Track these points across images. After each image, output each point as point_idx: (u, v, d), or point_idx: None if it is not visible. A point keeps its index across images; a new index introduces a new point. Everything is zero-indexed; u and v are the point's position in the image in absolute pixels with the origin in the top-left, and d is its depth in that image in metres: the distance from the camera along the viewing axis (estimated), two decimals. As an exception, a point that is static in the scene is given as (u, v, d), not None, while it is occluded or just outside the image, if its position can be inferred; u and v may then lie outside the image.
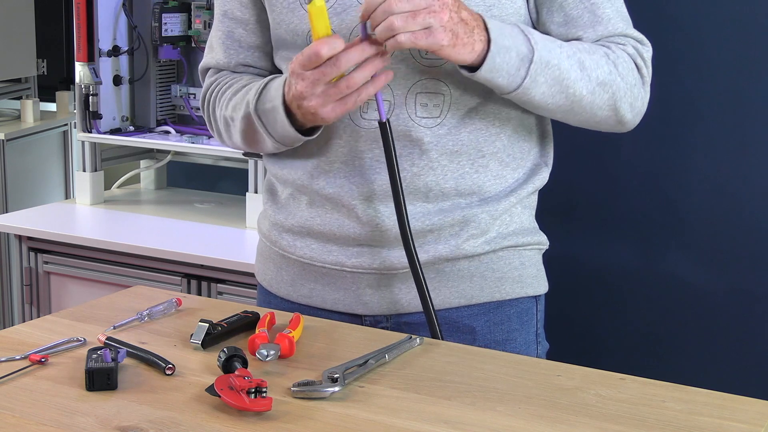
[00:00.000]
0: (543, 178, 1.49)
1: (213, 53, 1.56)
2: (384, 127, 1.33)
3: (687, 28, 2.47)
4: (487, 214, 1.42)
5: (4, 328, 1.94)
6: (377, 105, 1.34)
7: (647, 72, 1.44)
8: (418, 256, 1.36)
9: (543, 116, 1.48)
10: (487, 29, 1.30)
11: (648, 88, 1.45)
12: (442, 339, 1.35)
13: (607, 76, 1.38)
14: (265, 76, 1.52)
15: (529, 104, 1.38)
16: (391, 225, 1.40)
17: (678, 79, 2.48)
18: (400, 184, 1.35)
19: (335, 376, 1.14)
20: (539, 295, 1.52)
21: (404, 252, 1.38)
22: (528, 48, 1.32)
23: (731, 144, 2.47)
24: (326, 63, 1.27)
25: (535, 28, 1.44)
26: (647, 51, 1.45)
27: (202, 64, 1.59)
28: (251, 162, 2.63)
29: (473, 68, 1.32)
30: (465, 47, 1.28)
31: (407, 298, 1.43)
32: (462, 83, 1.38)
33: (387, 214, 1.40)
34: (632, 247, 2.61)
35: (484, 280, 1.45)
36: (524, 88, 1.34)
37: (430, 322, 1.36)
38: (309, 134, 1.40)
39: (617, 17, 1.43)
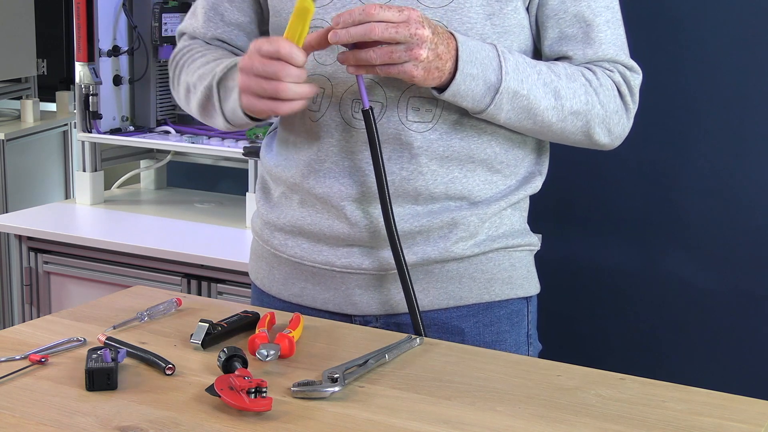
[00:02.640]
0: (536, 186, 1.49)
1: (194, 20, 1.57)
2: (367, 115, 1.33)
3: (687, 28, 2.47)
4: (476, 217, 1.42)
5: (4, 328, 1.94)
6: (359, 91, 1.33)
7: (631, 100, 1.43)
8: (404, 255, 1.36)
9: None
10: (458, 57, 1.30)
11: (631, 115, 1.44)
12: (425, 335, 1.35)
13: (583, 106, 1.38)
14: (239, 55, 1.53)
15: (497, 123, 1.39)
16: (381, 226, 1.40)
17: (678, 79, 2.49)
18: (384, 177, 1.34)
19: (335, 376, 1.14)
20: (530, 297, 1.51)
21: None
22: (497, 77, 1.33)
23: (731, 144, 2.47)
24: (271, 62, 1.27)
25: (537, 41, 1.44)
26: (635, 78, 1.43)
27: (179, 27, 1.60)
28: (251, 162, 2.63)
29: (441, 89, 1.33)
30: (434, 80, 1.30)
31: (397, 299, 1.43)
32: None
33: (376, 215, 1.40)
34: (632, 248, 2.61)
35: (473, 281, 1.45)
36: (488, 114, 1.35)
37: (414, 320, 1.37)
38: (257, 120, 1.40)
39: (611, 43, 1.42)
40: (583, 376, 1.20)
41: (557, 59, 1.42)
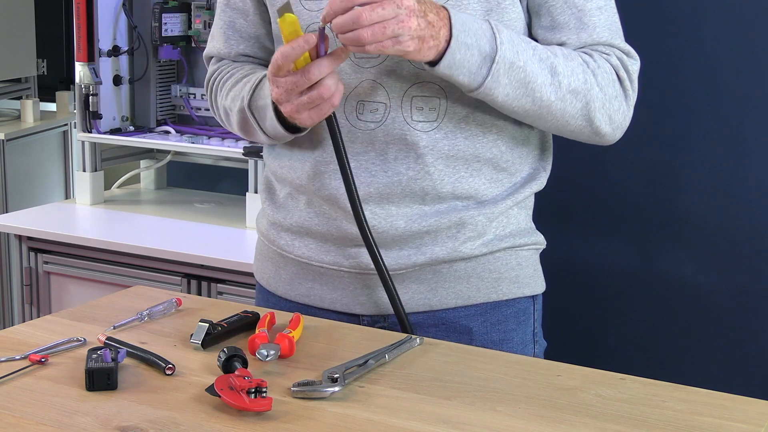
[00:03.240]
0: (541, 183, 1.49)
1: (214, 42, 1.58)
2: (330, 121, 1.34)
3: (687, 28, 2.47)
4: (483, 216, 1.42)
5: (4, 328, 1.94)
6: (318, 45, 1.30)
7: (630, 86, 1.41)
8: (383, 258, 1.37)
9: None
10: (451, 26, 1.29)
11: (631, 104, 1.42)
12: (413, 334, 1.36)
13: (582, 85, 1.36)
14: (265, 66, 1.53)
15: (495, 105, 1.36)
16: (388, 226, 1.40)
17: (678, 79, 2.48)
18: (351, 177, 1.35)
19: (335, 376, 1.14)
20: (536, 295, 1.52)
21: (401, 253, 1.39)
22: (492, 47, 1.31)
23: (731, 144, 2.47)
24: (297, 73, 1.28)
25: (529, 31, 1.43)
26: (633, 64, 1.42)
27: (205, 52, 1.62)
28: (251, 162, 2.63)
29: (435, 62, 1.31)
30: (430, 50, 1.28)
31: (405, 298, 1.43)
32: (459, 88, 1.37)
33: (383, 215, 1.40)
34: (632, 247, 2.61)
35: (481, 280, 1.45)
36: (486, 88, 1.32)
37: (400, 320, 1.37)
38: (297, 131, 1.41)
39: (605, 27, 1.40)
40: (583, 376, 1.20)
41: None
